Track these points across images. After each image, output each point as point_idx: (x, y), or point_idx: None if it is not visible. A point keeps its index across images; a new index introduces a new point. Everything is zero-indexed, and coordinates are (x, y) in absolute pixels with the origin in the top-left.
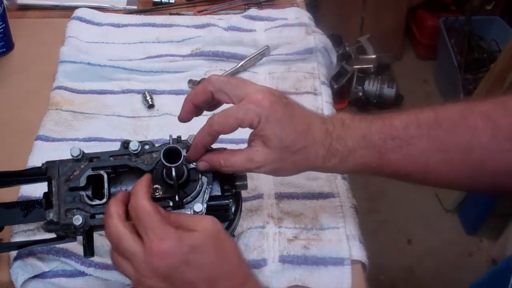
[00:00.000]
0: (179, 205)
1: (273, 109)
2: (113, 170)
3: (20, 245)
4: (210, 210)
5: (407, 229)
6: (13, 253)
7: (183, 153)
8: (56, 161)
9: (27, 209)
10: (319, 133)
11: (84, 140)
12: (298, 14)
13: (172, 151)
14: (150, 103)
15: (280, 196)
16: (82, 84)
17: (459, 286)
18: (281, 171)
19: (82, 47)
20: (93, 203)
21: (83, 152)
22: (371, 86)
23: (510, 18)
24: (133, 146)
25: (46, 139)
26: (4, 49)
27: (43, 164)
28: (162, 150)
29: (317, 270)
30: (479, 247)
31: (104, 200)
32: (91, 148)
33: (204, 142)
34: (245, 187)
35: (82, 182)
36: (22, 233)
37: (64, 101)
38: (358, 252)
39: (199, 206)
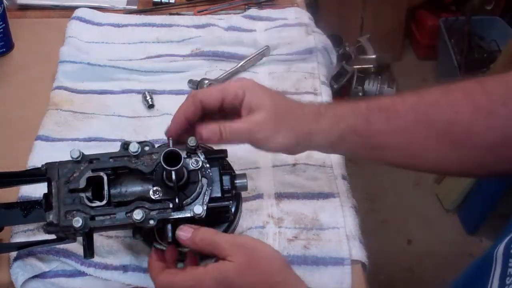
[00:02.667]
0: (179, 207)
1: (256, 84)
2: (113, 171)
3: (20, 246)
4: (210, 212)
5: (407, 229)
6: (13, 253)
7: (183, 155)
8: (55, 162)
9: (27, 210)
10: (307, 103)
11: (84, 140)
12: (298, 14)
13: (172, 154)
14: (150, 103)
15: (280, 196)
16: (82, 84)
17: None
18: (280, 135)
19: (82, 47)
20: (93, 205)
21: (82, 153)
22: (371, 86)
23: (510, 18)
24: (133, 148)
25: (46, 139)
26: (4, 49)
27: (42, 166)
28: (162, 153)
29: (317, 270)
30: (479, 247)
31: (104, 202)
32: (91, 148)
33: (187, 114)
34: (245, 187)
35: (82, 183)
36: (22, 233)
37: (64, 101)
38: (358, 252)
39: (199, 208)
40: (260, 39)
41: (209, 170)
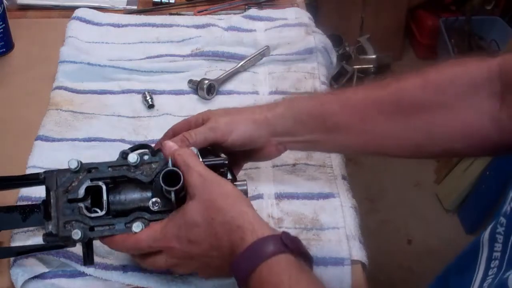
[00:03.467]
0: None
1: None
2: (111, 180)
3: (19, 252)
4: None
5: (407, 229)
6: None
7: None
8: (54, 171)
9: (26, 214)
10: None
11: (84, 140)
12: (298, 14)
13: (171, 175)
14: (150, 103)
15: (280, 196)
16: (82, 84)
17: None
18: (239, 125)
19: (82, 47)
20: (92, 215)
21: (81, 163)
22: None
23: (510, 18)
24: (132, 159)
25: (46, 139)
26: (4, 49)
27: (41, 174)
28: (161, 174)
29: (317, 270)
30: None
31: (103, 212)
32: (91, 148)
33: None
34: (245, 193)
35: (81, 193)
36: (22, 233)
37: (64, 101)
38: (358, 252)
39: None
40: (260, 39)
41: None
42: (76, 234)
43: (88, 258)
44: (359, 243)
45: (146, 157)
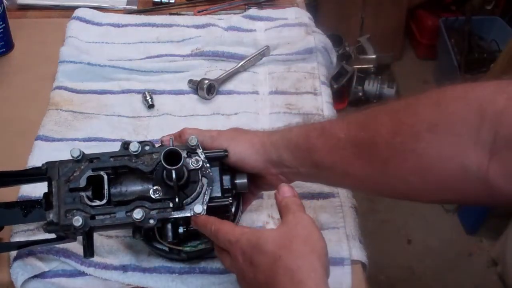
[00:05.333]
0: (179, 207)
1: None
2: (113, 171)
3: (20, 245)
4: (210, 211)
5: (407, 229)
6: (13, 253)
7: (183, 154)
8: (56, 161)
9: (27, 209)
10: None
11: (84, 140)
12: (298, 14)
13: (172, 153)
14: (150, 103)
15: None
16: (82, 84)
17: (459, 286)
18: (237, 143)
19: (82, 47)
20: (93, 204)
21: (83, 153)
22: (371, 86)
23: (510, 18)
24: (133, 147)
25: (46, 139)
26: (4, 49)
27: (43, 165)
28: (162, 152)
29: None
30: (479, 247)
31: (104, 201)
32: (91, 148)
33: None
34: (245, 187)
35: (82, 183)
36: (22, 232)
37: (64, 101)
38: (358, 252)
39: (199, 208)
40: (260, 39)
41: (209, 170)
42: (77, 220)
43: (88, 250)
44: (359, 243)
45: (147, 148)
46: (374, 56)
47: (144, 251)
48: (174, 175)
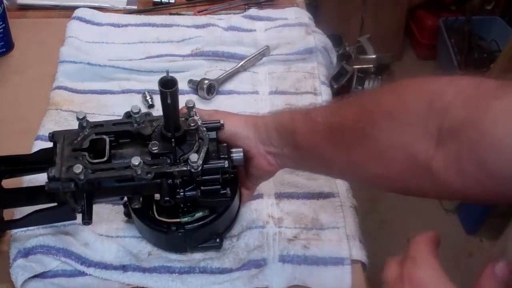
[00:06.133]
0: (177, 162)
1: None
2: (115, 138)
3: (18, 221)
4: (206, 175)
5: (407, 229)
6: (13, 253)
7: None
8: (62, 130)
9: (30, 195)
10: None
11: None
12: (298, 14)
13: (168, 81)
14: (150, 103)
15: (280, 196)
16: (82, 84)
17: (459, 286)
18: (232, 118)
19: (82, 47)
20: (95, 161)
21: (87, 120)
22: (371, 86)
23: (510, 18)
24: (135, 109)
25: (46, 139)
26: (4, 49)
27: (50, 133)
28: (159, 79)
29: (317, 269)
30: (479, 247)
31: (105, 158)
32: None
33: None
34: (240, 159)
35: (85, 144)
36: (22, 233)
37: (64, 101)
38: (358, 252)
39: (194, 156)
40: (260, 39)
41: (206, 133)
42: (78, 167)
43: (87, 214)
44: (359, 242)
45: (148, 117)
46: (374, 56)
47: (144, 251)
48: (169, 100)
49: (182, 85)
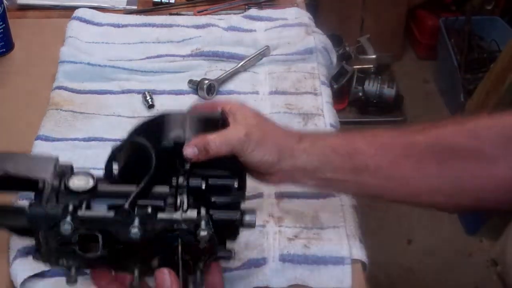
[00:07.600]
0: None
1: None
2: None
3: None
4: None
5: (407, 229)
6: (13, 252)
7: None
8: (41, 211)
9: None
10: (287, 127)
11: (84, 140)
12: (298, 14)
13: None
14: (150, 103)
15: (280, 196)
16: (82, 84)
17: (459, 286)
18: (264, 147)
19: (82, 47)
20: (87, 255)
21: (72, 225)
22: (371, 86)
23: (510, 18)
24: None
25: (46, 139)
26: (4, 49)
27: (26, 209)
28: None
29: (317, 269)
30: (479, 247)
31: (98, 253)
32: (91, 147)
33: None
34: (252, 225)
35: (74, 239)
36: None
37: (64, 101)
38: (358, 252)
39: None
40: (260, 39)
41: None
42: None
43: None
44: (359, 242)
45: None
46: (374, 56)
47: None
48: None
49: (182, 85)
